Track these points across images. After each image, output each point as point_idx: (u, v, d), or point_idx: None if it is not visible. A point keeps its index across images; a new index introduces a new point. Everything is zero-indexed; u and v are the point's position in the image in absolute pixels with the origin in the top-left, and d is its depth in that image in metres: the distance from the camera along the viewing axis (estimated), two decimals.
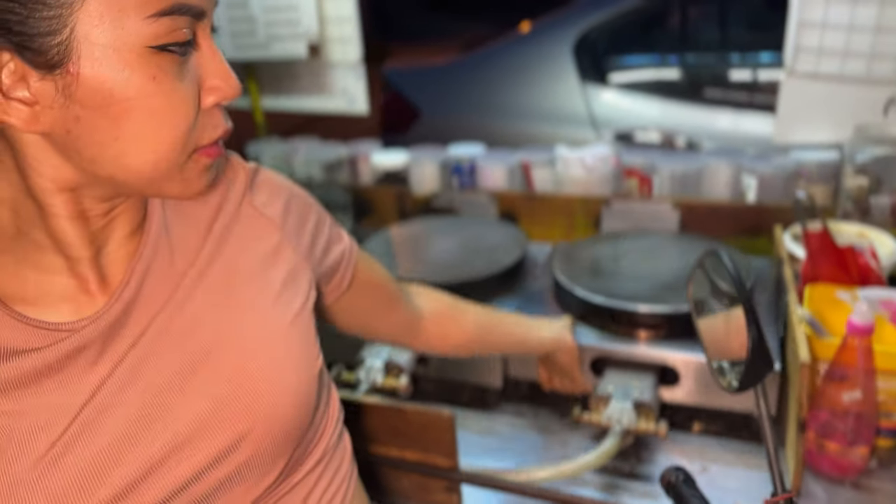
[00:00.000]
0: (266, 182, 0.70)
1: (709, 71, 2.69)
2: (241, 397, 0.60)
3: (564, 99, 2.56)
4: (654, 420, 1.01)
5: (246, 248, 0.65)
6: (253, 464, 0.61)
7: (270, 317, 0.65)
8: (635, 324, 1.11)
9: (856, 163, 1.30)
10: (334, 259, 0.77)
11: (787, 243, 1.20)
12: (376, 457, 0.96)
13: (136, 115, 0.50)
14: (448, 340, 0.97)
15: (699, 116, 2.48)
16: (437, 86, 2.77)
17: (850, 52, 1.30)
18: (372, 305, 0.87)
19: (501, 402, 1.20)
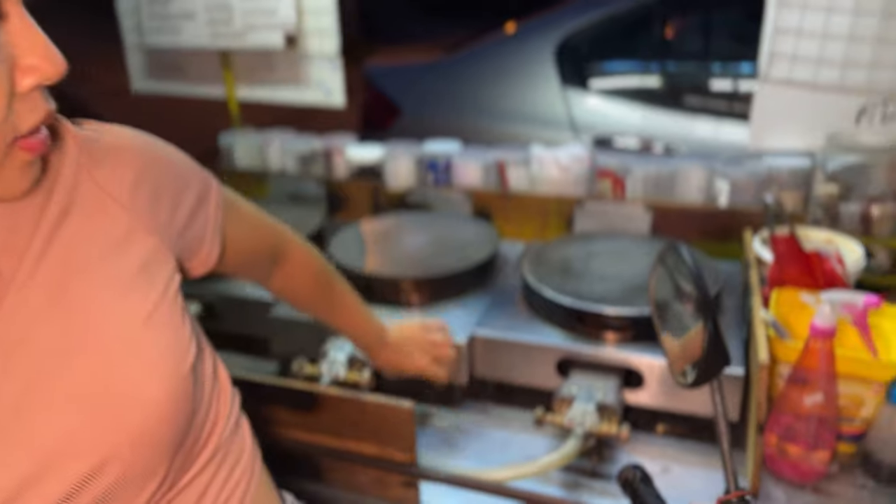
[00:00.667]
0: (109, 151, 0.59)
1: (689, 79, 2.70)
2: (99, 420, 0.52)
3: (545, 102, 2.56)
4: (616, 423, 1.00)
5: (87, 236, 0.56)
6: (123, 485, 0.55)
7: (121, 317, 0.56)
8: (602, 326, 1.11)
9: (827, 170, 1.31)
10: (198, 232, 0.68)
11: (756, 247, 1.20)
12: (332, 450, 0.94)
13: None
14: (295, 282, 0.91)
15: (678, 124, 2.49)
16: (418, 85, 2.76)
17: (823, 59, 1.31)
18: (230, 266, 0.78)
19: (467, 399, 1.18)
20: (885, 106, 1.31)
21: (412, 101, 2.72)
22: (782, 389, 0.98)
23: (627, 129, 2.51)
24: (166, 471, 0.59)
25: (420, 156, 1.63)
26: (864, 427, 0.99)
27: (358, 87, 2.86)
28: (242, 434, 0.73)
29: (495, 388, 1.19)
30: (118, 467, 0.54)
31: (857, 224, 1.31)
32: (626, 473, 0.76)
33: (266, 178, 1.70)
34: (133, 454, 0.54)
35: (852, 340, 0.98)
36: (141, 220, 0.60)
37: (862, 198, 1.29)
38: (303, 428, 0.96)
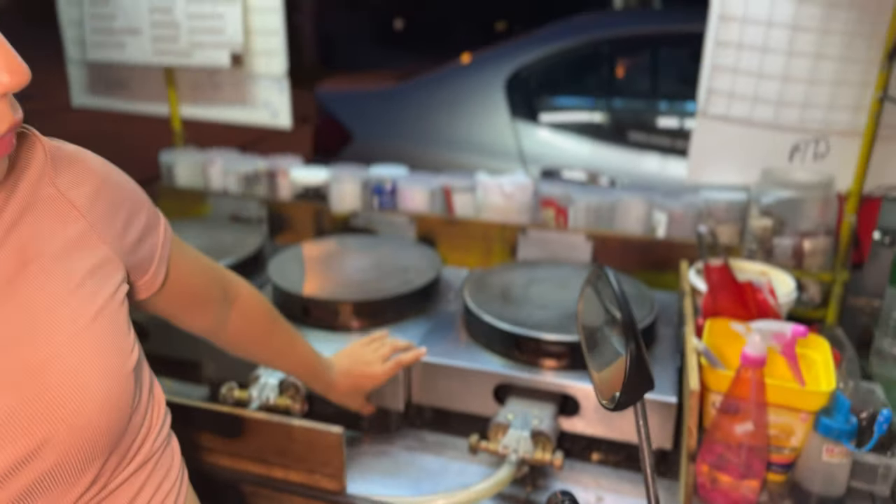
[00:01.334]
0: (73, 163, 0.62)
1: (636, 116, 2.77)
2: (38, 402, 0.54)
3: (495, 133, 2.59)
4: (551, 450, 0.99)
5: (43, 234, 0.58)
6: (58, 473, 0.55)
7: (69, 311, 0.58)
8: (539, 352, 1.10)
9: (761, 204, 1.34)
10: (147, 255, 0.71)
11: (691, 277, 1.22)
12: (258, 477, 0.91)
13: None
14: (246, 336, 0.94)
15: (625, 158, 2.54)
16: (369, 111, 2.76)
17: (758, 97, 1.35)
18: (183, 305, 0.82)
19: (402, 426, 1.16)
20: (817, 144, 1.36)
21: (364, 126, 2.72)
22: (714, 418, 0.99)
23: (575, 163, 2.55)
24: (100, 467, 0.59)
25: (366, 179, 1.62)
26: (794, 456, 1.00)
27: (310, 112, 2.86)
28: (173, 451, 0.72)
29: (432, 415, 1.17)
30: (54, 453, 0.54)
31: (789, 257, 1.34)
32: (554, 501, 0.75)
33: (207, 197, 1.67)
34: (70, 441, 0.55)
35: (781, 370, 0.99)
36: (96, 228, 0.62)
37: (795, 232, 1.33)
38: (228, 454, 0.93)
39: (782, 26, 1.30)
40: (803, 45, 1.31)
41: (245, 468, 0.92)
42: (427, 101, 2.67)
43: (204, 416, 0.91)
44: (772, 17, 1.30)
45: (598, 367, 0.67)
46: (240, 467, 0.92)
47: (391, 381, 1.11)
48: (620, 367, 0.62)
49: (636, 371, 0.58)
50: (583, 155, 2.58)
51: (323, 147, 2.79)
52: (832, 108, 1.34)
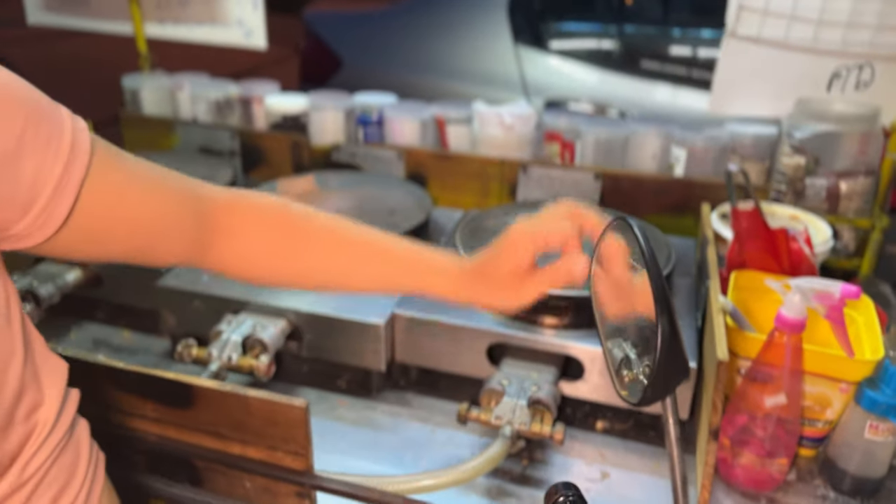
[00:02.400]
0: None
1: (647, 43, 2.57)
2: None
3: (496, 60, 2.39)
4: (550, 422, 0.86)
5: None
6: None
7: None
8: (538, 308, 0.96)
9: (794, 139, 1.18)
10: (25, 189, 0.49)
11: (714, 223, 1.07)
12: (212, 451, 0.78)
13: None
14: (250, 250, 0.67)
15: (635, 88, 2.36)
16: (361, 35, 2.55)
17: (796, 16, 1.17)
18: (118, 245, 0.59)
19: (385, 389, 1.04)
20: (861, 71, 1.19)
21: (355, 52, 2.51)
22: (739, 386, 0.86)
23: (582, 93, 2.37)
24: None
25: (350, 108, 1.45)
26: (827, 429, 0.88)
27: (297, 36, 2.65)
28: (77, 445, 0.58)
29: (418, 376, 1.04)
30: None
31: (822, 200, 1.19)
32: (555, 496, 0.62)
33: (174, 126, 1.50)
34: None
35: (821, 335, 0.86)
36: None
37: (830, 172, 1.18)
38: (177, 425, 0.80)
39: None
40: None
41: (197, 441, 0.80)
42: (423, 24, 2.46)
43: (146, 382, 0.78)
44: None
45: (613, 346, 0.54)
46: (191, 440, 0.80)
47: (371, 337, 0.98)
48: (645, 348, 0.49)
49: (669, 357, 0.44)
50: (590, 84, 2.40)
51: (311, 75, 2.60)
52: (881, 28, 1.16)
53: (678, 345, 0.46)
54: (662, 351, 0.45)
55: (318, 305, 1.00)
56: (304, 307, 1.00)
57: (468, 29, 2.40)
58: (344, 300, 1.01)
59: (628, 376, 0.51)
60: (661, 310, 0.45)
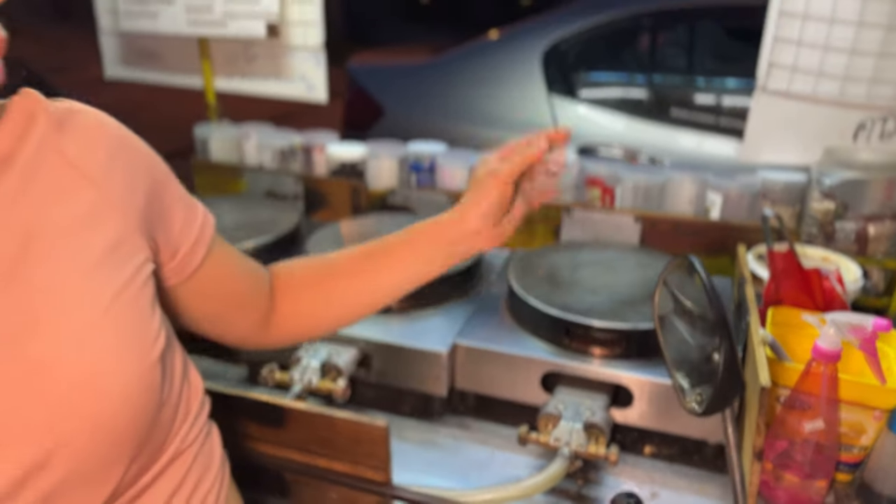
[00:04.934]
0: (83, 127, 0.56)
1: (675, 92, 2.68)
2: (44, 404, 0.48)
3: (531, 108, 2.52)
4: (604, 444, 0.94)
5: (50, 209, 0.52)
6: (75, 481, 0.50)
7: (81, 297, 0.51)
8: (590, 340, 1.05)
9: (823, 186, 1.27)
10: (179, 234, 0.63)
11: (751, 263, 1.16)
12: (301, 465, 0.87)
13: None
14: (310, 321, 0.80)
15: (662, 135, 2.47)
16: (402, 86, 2.70)
17: (823, 72, 1.27)
18: (219, 301, 0.72)
19: (445, 412, 1.12)
20: (885, 122, 1.28)
21: (395, 101, 2.66)
22: (779, 414, 0.93)
23: (612, 139, 2.48)
24: (125, 469, 0.53)
25: (403, 156, 1.57)
26: (862, 455, 0.94)
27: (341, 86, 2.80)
28: (213, 442, 0.68)
29: (476, 402, 1.13)
30: (67, 461, 0.49)
31: (852, 242, 1.27)
32: (619, 502, 0.70)
33: (242, 172, 1.63)
34: (85, 446, 0.49)
35: (855, 365, 0.93)
36: (112, 199, 0.55)
37: (858, 216, 1.26)
38: (270, 442, 0.89)
39: None
40: (874, 14, 1.22)
41: (288, 456, 0.88)
42: (461, 75, 2.60)
43: (244, 405, 0.87)
44: None
45: (677, 366, 0.62)
46: (282, 455, 0.89)
47: (433, 365, 1.07)
48: (704, 368, 0.57)
49: (729, 374, 0.53)
50: (618, 131, 2.51)
51: (354, 122, 2.74)
52: None
53: (736, 364, 0.54)
54: (724, 369, 0.53)
55: (386, 335, 1.10)
56: (373, 336, 1.10)
57: (505, 80, 2.54)
58: (410, 331, 1.11)
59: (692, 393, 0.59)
60: (723, 334, 0.53)
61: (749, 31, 2.52)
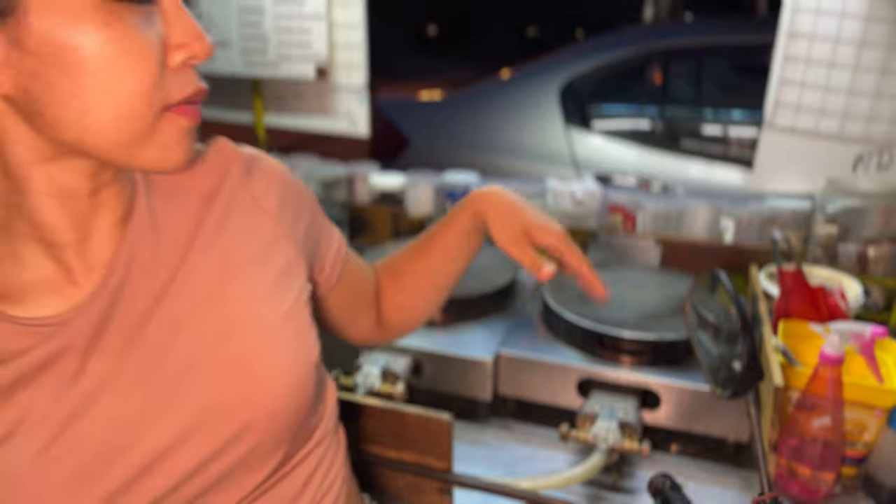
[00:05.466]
0: (265, 171, 0.67)
1: (684, 123, 2.84)
2: (241, 392, 0.59)
3: (549, 140, 2.67)
4: (637, 440, 1.07)
5: (241, 240, 0.63)
6: (253, 455, 0.61)
7: (264, 310, 0.62)
8: (621, 349, 1.18)
9: (826, 212, 1.40)
10: (325, 254, 0.76)
11: (762, 281, 1.29)
12: (374, 456, 1.00)
13: (92, 66, 0.47)
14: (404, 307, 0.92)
15: (674, 164, 2.61)
16: (426, 119, 2.86)
17: (825, 110, 1.42)
18: (352, 305, 0.85)
19: (490, 415, 1.24)
20: (881, 155, 1.42)
21: (419, 133, 2.82)
22: (791, 413, 1.06)
23: (625, 168, 2.62)
24: (286, 450, 0.65)
25: (440, 185, 1.71)
26: (866, 451, 1.06)
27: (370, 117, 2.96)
28: (340, 439, 0.79)
29: (517, 406, 1.25)
30: (253, 437, 0.61)
31: (854, 263, 1.40)
32: (656, 482, 0.83)
33: None
34: (266, 425, 0.61)
35: (857, 369, 1.06)
36: (284, 230, 0.67)
37: (859, 239, 1.39)
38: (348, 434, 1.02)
39: (850, 43, 1.37)
40: (870, 60, 1.37)
41: (363, 447, 1.01)
42: (483, 109, 2.76)
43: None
44: (840, 33, 1.37)
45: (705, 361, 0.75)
46: (357, 447, 1.01)
47: (479, 372, 1.20)
48: (727, 373, 0.70)
49: (750, 365, 0.66)
50: (630, 160, 2.66)
51: (380, 152, 2.89)
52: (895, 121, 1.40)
53: (755, 353, 0.67)
54: (747, 359, 0.66)
55: (436, 345, 1.23)
56: (424, 346, 1.23)
57: (524, 113, 2.69)
58: (456, 342, 1.24)
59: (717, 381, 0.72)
60: (745, 329, 0.66)
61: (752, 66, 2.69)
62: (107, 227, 0.57)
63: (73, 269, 0.56)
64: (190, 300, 0.60)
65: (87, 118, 0.48)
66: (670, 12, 10.06)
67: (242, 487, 0.63)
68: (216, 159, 0.65)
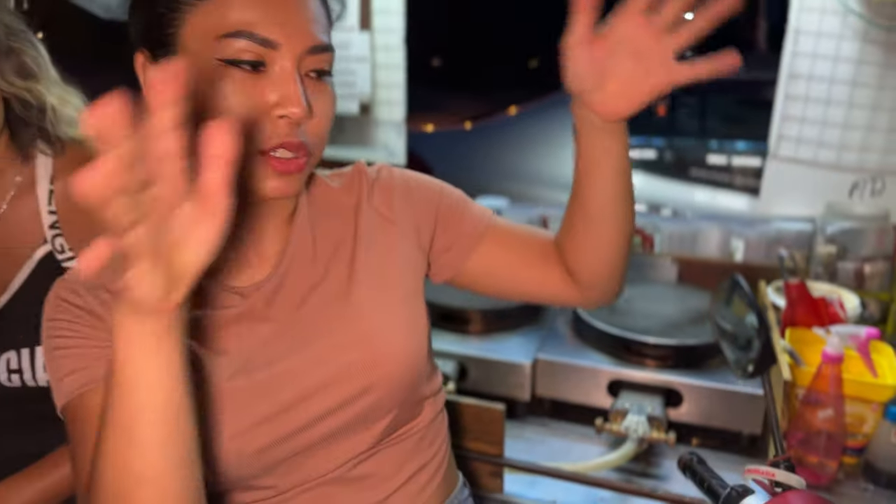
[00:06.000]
0: (383, 183, 0.82)
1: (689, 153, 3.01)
2: (366, 359, 0.75)
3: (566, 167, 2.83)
4: (664, 431, 1.21)
5: (372, 243, 0.80)
6: (373, 410, 0.76)
7: (385, 298, 0.78)
8: (646, 353, 1.33)
9: (826, 234, 1.56)
10: (453, 237, 0.85)
11: (770, 295, 1.44)
12: None
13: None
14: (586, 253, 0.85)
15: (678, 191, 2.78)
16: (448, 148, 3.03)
17: (823, 143, 1.58)
18: (507, 265, 0.87)
19: (528, 414, 1.39)
20: (874, 182, 1.58)
21: (442, 163, 2.99)
22: (798, 408, 1.20)
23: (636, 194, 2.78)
24: (398, 413, 0.80)
25: None
26: (865, 441, 1.21)
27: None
28: (442, 420, 0.92)
29: (552, 405, 1.40)
30: (376, 393, 0.76)
31: (852, 279, 1.55)
32: (684, 459, 0.97)
33: None
34: (384, 388, 0.76)
35: (856, 367, 1.20)
36: (404, 231, 0.83)
37: (856, 257, 1.54)
38: None
39: (844, 82, 1.54)
40: (862, 98, 1.53)
41: None
42: (503, 139, 2.94)
43: None
44: (834, 74, 1.54)
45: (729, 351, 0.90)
46: None
47: (519, 375, 1.34)
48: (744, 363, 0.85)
49: (766, 352, 0.81)
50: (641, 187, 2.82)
51: None
52: (887, 151, 1.56)
53: (770, 345, 0.82)
54: (762, 346, 0.81)
55: (479, 351, 1.38)
56: (468, 352, 1.37)
57: (541, 143, 2.87)
58: (496, 348, 1.39)
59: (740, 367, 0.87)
60: (761, 322, 0.81)
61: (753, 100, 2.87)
62: (276, 227, 0.76)
63: (252, 257, 0.75)
64: (334, 291, 0.77)
65: None
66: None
67: (362, 441, 0.77)
68: (354, 180, 0.83)
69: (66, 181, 0.87)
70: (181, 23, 0.65)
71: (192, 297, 0.54)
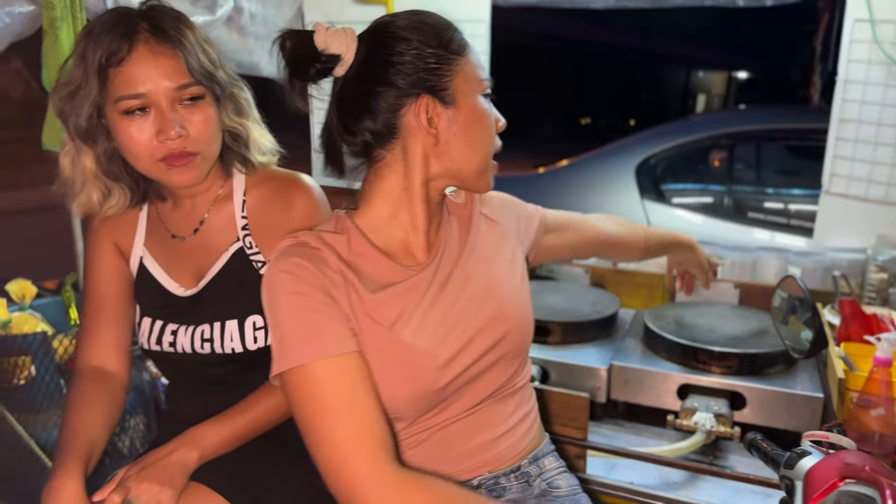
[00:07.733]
0: (485, 199, 1.09)
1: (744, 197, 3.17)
2: (501, 317, 0.98)
3: (626, 211, 3.03)
4: (729, 426, 1.36)
5: (488, 240, 1.04)
6: (506, 358, 0.99)
7: (505, 278, 1.03)
8: (712, 361, 1.49)
9: (877, 262, 1.70)
10: (532, 234, 1.14)
11: (826, 315, 1.59)
12: None
13: (480, 130, 0.94)
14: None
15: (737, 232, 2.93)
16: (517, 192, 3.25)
17: (872, 180, 1.74)
18: (568, 243, 1.24)
19: (604, 415, 1.55)
20: None
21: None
22: (851, 410, 1.34)
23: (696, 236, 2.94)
24: (518, 365, 1.03)
25: None
26: None
27: None
28: (532, 390, 1.12)
29: (626, 407, 1.56)
30: (506, 344, 0.99)
31: None
32: (749, 438, 1.13)
33: None
34: (513, 339, 0.99)
35: None
36: (506, 230, 1.08)
37: None
38: None
39: (890, 125, 1.70)
40: None
41: None
42: (568, 183, 3.15)
43: None
44: (882, 118, 1.71)
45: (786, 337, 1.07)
46: None
47: (596, 379, 1.52)
48: (801, 335, 1.02)
49: (819, 337, 0.97)
50: (700, 229, 2.99)
51: None
52: None
53: (822, 331, 0.99)
54: (816, 333, 0.98)
55: (560, 358, 1.56)
56: (551, 358, 1.56)
57: (605, 187, 3.08)
58: (575, 356, 1.57)
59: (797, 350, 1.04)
60: (814, 314, 0.98)
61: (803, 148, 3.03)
62: (436, 222, 1.01)
63: (421, 243, 0.98)
64: (470, 271, 1.00)
65: (472, 157, 0.94)
66: (722, 104, 10.80)
67: (499, 379, 0.99)
68: (468, 198, 1.07)
69: (255, 194, 1.11)
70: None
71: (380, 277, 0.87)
